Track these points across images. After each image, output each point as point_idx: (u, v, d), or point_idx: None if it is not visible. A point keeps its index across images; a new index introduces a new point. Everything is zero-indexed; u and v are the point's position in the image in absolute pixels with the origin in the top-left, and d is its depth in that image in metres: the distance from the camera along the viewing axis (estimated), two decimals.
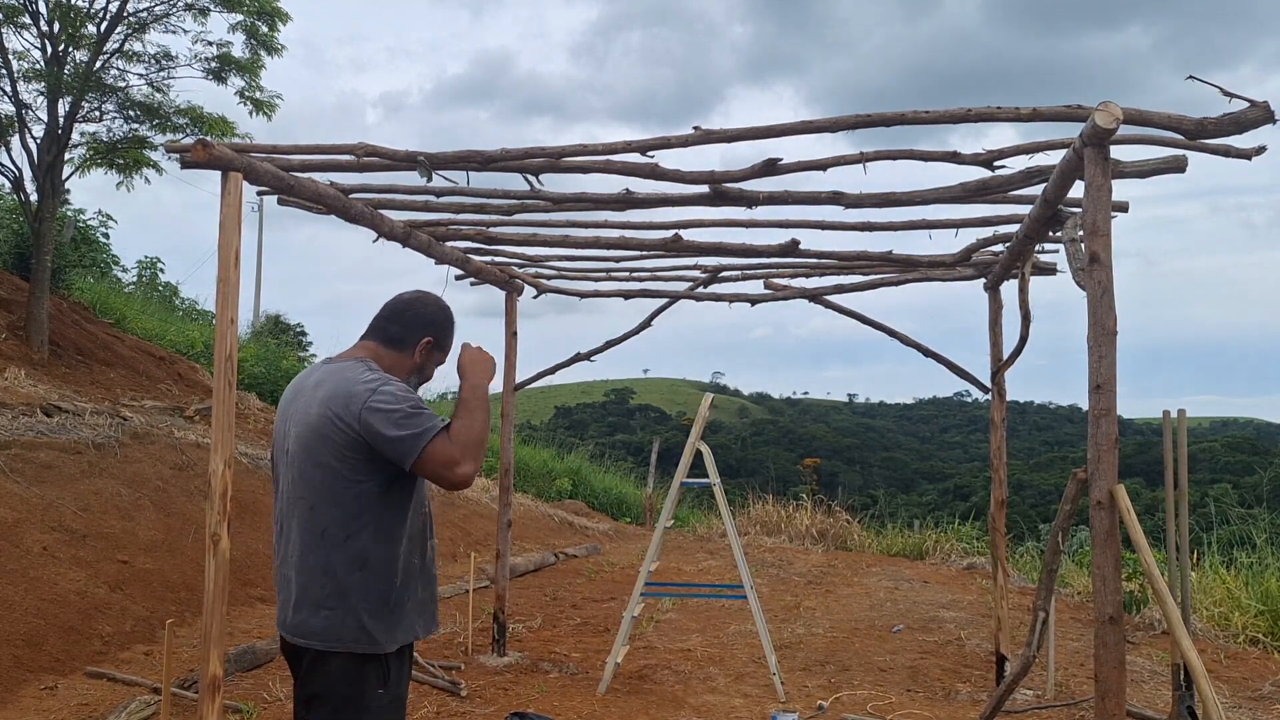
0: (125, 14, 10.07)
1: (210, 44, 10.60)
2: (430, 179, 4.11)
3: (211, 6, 10.41)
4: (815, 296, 6.15)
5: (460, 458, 2.37)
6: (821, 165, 3.82)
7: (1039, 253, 5.18)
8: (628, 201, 4.38)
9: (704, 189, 4.11)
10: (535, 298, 6.73)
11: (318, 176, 4.30)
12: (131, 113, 10.40)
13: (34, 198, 10.03)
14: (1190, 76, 3.04)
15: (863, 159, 3.83)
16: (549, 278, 6.51)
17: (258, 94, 10.83)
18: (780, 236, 5.06)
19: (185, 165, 3.65)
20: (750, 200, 4.20)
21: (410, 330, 2.67)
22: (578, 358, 6.62)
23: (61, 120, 9.86)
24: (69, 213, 13.32)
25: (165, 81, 10.55)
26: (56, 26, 9.86)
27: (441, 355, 2.77)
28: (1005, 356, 5.56)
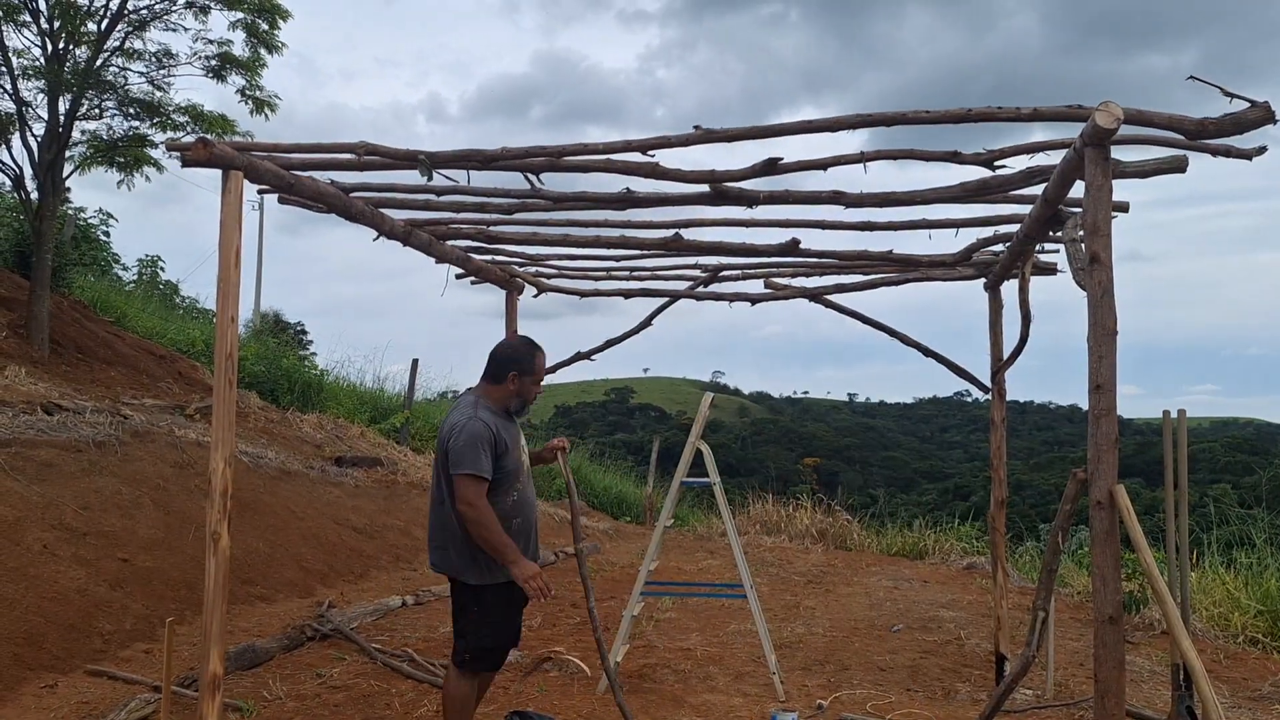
0: (125, 12, 10.06)
1: (211, 42, 10.61)
2: (431, 178, 4.12)
3: (211, 4, 10.40)
4: (815, 296, 6.15)
5: (467, 503, 3.60)
6: (822, 165, 3.83)
7: (1039, 253, 5.18)
8: (628, 201, 4.39)
9: (704, 188, 4.11)
10: (535, 296, 6.73)
11: (318, 175, 4.30)
12: (132, 110, 10.39)
13: (34, 196, 10.03)
14: (1191, 77, 3.04)
15: (863, 159, 3.83)
16: (549, 277, 6.51)
17: (258, 93, 10.83)
18: (781, 236, 5.07)
19: (186, 164, 3.65)
20: (750, 200, 4.21)
21: (502, 368, 3.89)
22: (578, 357, 6.62)
23: (62, 118, 9.85)
24: (69, 211, 13.32)
25: (165, 79, 10.56)
26: (57, 24, 9.85)
27: (530, 379, 3.91)
28: (1005, 356, 5.56)
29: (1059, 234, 3.94)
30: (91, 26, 10.04)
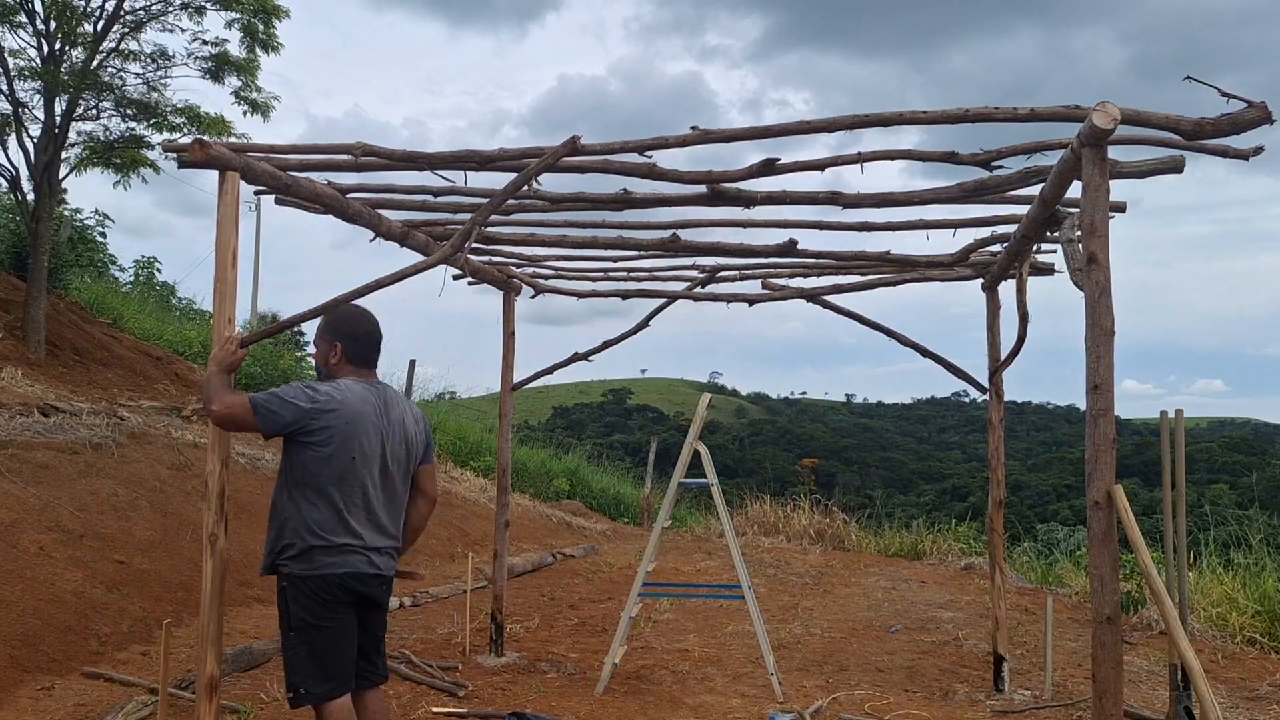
0: (122, 13, 10.05)
1: (207, 43, 10.60)
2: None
3: (207, 5, 10.39)
4: (813, 296, 6.15)
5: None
6: (819, 165, 3.82)
7: (1037, 253, 5.18)
8: (625, 201, 4.38)
9: (702, 189, 4.11)
10: (533, 298, 6.72)
11: (315, 176, 4.29)
12: (128, 111, 10.38)
13: (31, 197, 10.01)
14: (1188, 78, 3.04)
15: (860, 159, 3.83)
16: (546, 278, 6.50)
17: (254, 94, 10.82)
18: (778, 236, 5.06)
19: (183, 165, 3.65)
20: (748, 200, 4.20)
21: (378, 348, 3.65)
22: (575, 358, 6.60)
23: (58, 119, 9.84)
24: (66, 212, 13.30)
25: (162, 80, 10.54)
26: (53, 25, 9.84)
27: None
28: (1003, 356, 5.56)
29: (1056, 234, 3.94)
30: (87, 28, 10.03)
